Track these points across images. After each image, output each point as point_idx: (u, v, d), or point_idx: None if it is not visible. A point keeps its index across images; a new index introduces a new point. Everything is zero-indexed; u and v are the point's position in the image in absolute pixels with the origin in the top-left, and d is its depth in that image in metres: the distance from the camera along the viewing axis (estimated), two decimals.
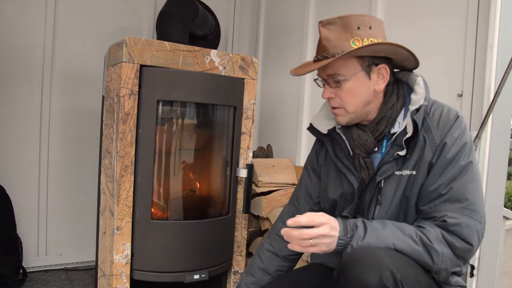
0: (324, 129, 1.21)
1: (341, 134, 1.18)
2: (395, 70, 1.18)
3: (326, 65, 1.08)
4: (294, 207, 1.33)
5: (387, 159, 1.08)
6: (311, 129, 1.25)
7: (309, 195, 1.31)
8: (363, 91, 1.09)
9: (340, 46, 1.06)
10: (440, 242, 0.99)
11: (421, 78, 1.11)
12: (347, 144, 1.17)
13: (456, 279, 1.11)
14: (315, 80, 1.16)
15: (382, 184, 1.09)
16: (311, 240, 0.98)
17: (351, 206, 1.14)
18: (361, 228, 1.00)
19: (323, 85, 1.14)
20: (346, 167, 1.17)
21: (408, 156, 1.06)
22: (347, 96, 1.10)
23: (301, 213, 1.15)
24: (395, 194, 1.08)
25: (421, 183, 1.05)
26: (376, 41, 1.06)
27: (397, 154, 1.06)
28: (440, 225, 1.01)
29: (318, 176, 1.29)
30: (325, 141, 1.23)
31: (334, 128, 1.20)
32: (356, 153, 1.15)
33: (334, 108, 1.14)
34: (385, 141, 1.13)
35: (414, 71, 1.16)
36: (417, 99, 1.08)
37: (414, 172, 1.06)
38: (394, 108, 1.11)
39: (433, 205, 1.02)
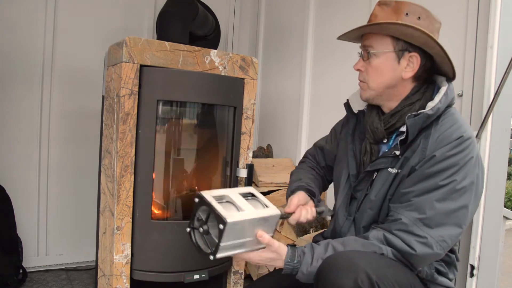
0: (356, 109, 1.26)
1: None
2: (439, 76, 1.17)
3: (366, 37, 1.14)
4: (316, 151, 1.45)
5: (385, 154, 1.13)
6: (347, 105, 1.29)
7: (322, 151, 1.41)
8: (388, 72, 1.11)
9: None
10: (380, 242, 1.02)
11: (445, 88, 1.10)
12: (364, 128, 1.22)
13: (443, 279, 1.12)
14: (358, 52, 1.20)
15: (375, 177, 1.14)
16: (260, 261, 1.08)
17: (347, 190, 1.21)
18: (309, 255, 1.04)
19: (360, 57, 1.18)
20: (353, 151, 1.23)
21: (400, 156, 1.09)
22: (372, 71, 1.13)
23: (319, 158, 1.42)
24: (381, 188, 1.12)
25: (399, 182, 1.09)
26: None
27: (394, 153, 1.10)
28: (389, 225, 1.04)
29: (336, 144, 1.35)
30: (351, 120, 1.28)
31: (363, 111, 1.24)
32: (366, 137, 1.19)
33: (360, 81, 1.19)
34: (394, 136, 1.15)
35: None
36: (429, 106, 1.08)
37: (398, 171, 1.09)
38: (412, 107, 1.12)
39: (398, 206, 1.05)
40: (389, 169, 1.11)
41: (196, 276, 1.71)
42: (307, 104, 2.49)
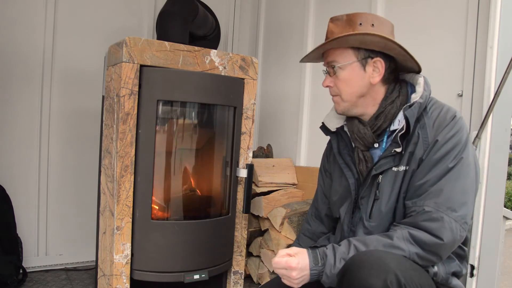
0: (333, 127, 1.28)
1: (347, 131, 1.24)
2: (404, 73, 1.22)
3: (327, 54, 1.18)
4: (315, 208, 1.40)
5: (384, 155, 1.13)
6: (323, 127, 1.30)
7: (325, 196, 1.36)
8: (358, 81, 1.15)
9: None
10: (406, 240, 1.01)
11: (422, 78, 1.14)
12: (351, 139, 1.22)
13: (456, 282, 1.12)
14: (323, 70, 1.23)
15: (380, 180, 1.13)
16: (282, 270, 1.04)
17: (349, 201, 1.20)
18: (331, 256, 1.03)
19: (325, 74, 1.22)
20: (345, 163, 1.23)
21: (403, 152, 1.10)
22: (342, 84, 1.17)
23: (321, 213, 1.36)
24: (392, 189, 1.11)
25: (411, 177, 1.09)
26: None
27: (394, 151, 1.10)
28: (413, 218, 1.03)
29: (330, 176, 1.34)
30: (332, 139, 1.29)
31: (342, 127, 1.26)
32: (356, 146, 1.20)
33: (333, 96, 1.22)
34: (385, 137, 1.16)
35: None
36: (415, 97, 1.11)
37: (407, 168, 1.09)
38: (394, 104, 1.14)
39: (417, 200, 1.05)
40: (394, 168, 1.11)
41: (196, 276, 1.71)
42: (307, 104, 2.49)
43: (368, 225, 1.14)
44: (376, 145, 1.17)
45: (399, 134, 1.09)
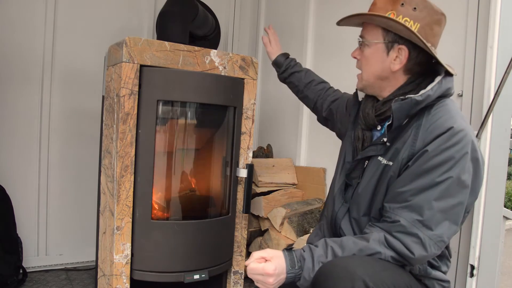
0: (360, 97, 1.28)
1: None
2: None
3: (364, 26, 1.16)
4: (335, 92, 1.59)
5: (376, 141, 1.12)
6: (355, 93, 1.31)
7: (332, 102, 1.51)
8: (378, 63, 1.12)
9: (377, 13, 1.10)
10: (382, 244, 1.01)
11: (440, 78, 1.08)
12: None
13: (437, 273, 1.11)
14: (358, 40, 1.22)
15: (366, 164, 1.14)
16: (259, 276, 1.02)
17: (344, 177, 1.21)
18: (309, 260, 1.02)
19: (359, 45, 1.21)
20: (351, 137, 1.24)
21: (390, 144, 1.08)
22: (364, 61, 1.15)
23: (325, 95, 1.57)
24: (371, 178, 1.11)
25: (390, 176, 1.07)
26: (410, 22, 1.05)
27: (383, 140, 1.09)
28: (389, 226, 1.03)
29: (336, 111, 1.44)
30: (354, 107, 1.30)
31: None
32: (359, 123, 1.21)
33: (358, 69, 1.21)
34: (386, 123, 1.13)
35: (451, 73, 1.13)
36: (420, 93, 1.07)
37: (390, 163, 1.08)
38: (404, 96, 1.11)
39: (395, 207, 1.03)
40: (379, 158, 1.10)
41: (196, 276, 1.71)
42: None
43: (349, 204, 1.16)
44: (378, 127, 1.17)
45: (387, 124, 1.08)
